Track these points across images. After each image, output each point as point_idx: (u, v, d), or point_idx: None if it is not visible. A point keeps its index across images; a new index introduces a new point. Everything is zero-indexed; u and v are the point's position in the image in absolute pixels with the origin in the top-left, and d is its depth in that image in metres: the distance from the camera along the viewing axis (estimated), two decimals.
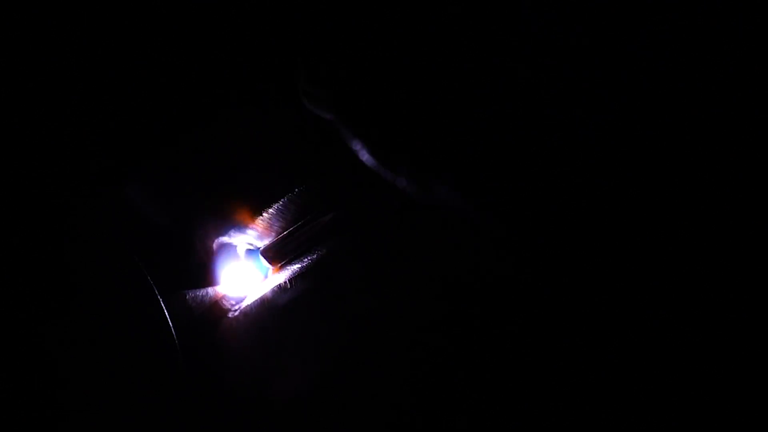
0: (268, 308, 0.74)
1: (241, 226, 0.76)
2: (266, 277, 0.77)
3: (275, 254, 0.76)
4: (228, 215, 0.75)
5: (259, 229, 0.76)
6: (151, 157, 0.75)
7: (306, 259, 0.74)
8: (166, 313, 0.61)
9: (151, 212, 0.75)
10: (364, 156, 0.59)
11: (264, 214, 0.75)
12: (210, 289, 0.73)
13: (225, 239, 0.77)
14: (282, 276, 0.74)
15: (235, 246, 0.78)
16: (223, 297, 0.76)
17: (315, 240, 0.73)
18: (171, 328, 0.62)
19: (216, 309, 0.74)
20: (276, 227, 0.76)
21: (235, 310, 0.75)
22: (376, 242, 0.71)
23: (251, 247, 0.79)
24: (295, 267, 0.74)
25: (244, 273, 0.78)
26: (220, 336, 0.73)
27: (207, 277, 0.75)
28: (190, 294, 0.69)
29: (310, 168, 0.73)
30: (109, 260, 0.66)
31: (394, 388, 0.67)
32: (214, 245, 0.76)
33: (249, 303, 0.75)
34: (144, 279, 0.63)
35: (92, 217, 0.70)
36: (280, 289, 0.73)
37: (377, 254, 0.70)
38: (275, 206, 0.74)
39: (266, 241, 0.77)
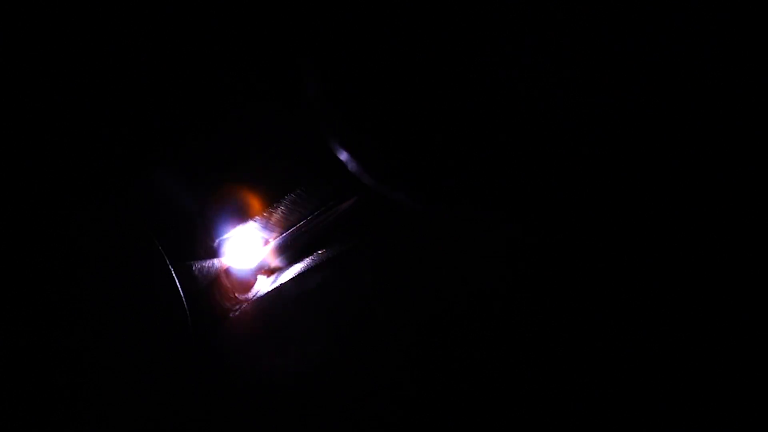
0: (277, 301, 0.74)
1: (253, 218, 0.76)
2: (278, 267, 0.78)
3: (290, 244, 0.76)
4: (242, 206, 0.75)
5: (274, 220, 0.77)
6: (169, 146, 0.75)
7: (317, 253, 0.74)
8: (185, 302, 0.62)
9: (166, 201, 0.76)
10: (359, 171, 0.59)
11: (277, 206, 0.75)
12: (223, 282, 0.73)
13: (237, 230, 0.77)
14: (291, 270, 0.75)
15: (247, 238, 0.79)
16: (232, 289, 0.76)
17: (328, 233, 0.74)
18: (187, 315, 0.63)
19: (226, 303, 0.75)
20: (290, 219, 0.76)
21: (244, 303, 0.76)
22: (389, 239, 0.71)
23: (263, 239, 0.79)
24: (306, 261, 0.74)
25: (255, 265, 0.78)
26: (230, 329, 0.74)
27: (218, 269, 0.75)
28: (197, 265, 0.70)
29: (327, 159, 0.73)
30: (131, 245, 0.67)
31: (397, 386, 0.67)
32: (227, 236, 0.77)
33: (258, 295, 0.76)
34: (165, 267, 0.64)
35: (111, 205, 0.71)
36: (290, 282, 0.74)
37: (389, 251, 0.70)
38: (287, 198, 0.75)
39: (281, 232, 0.77)
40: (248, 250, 0.80)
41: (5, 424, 0.65)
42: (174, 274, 0.68)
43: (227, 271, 0.79)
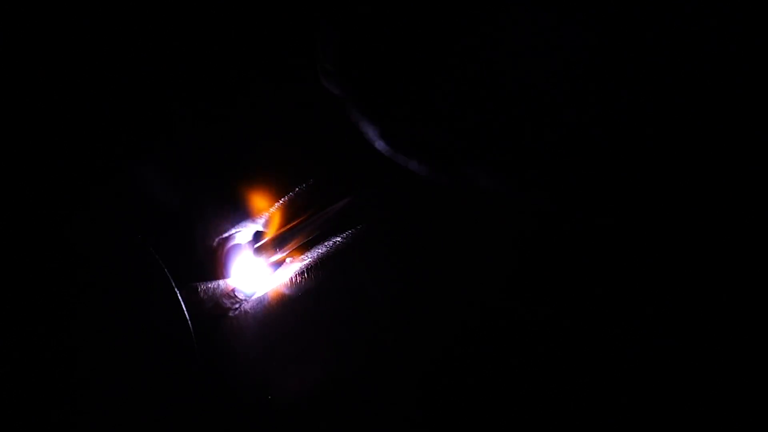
0: (277, 302, 0.74)
1: (253, 217, 0.76)
2: (276, 269, 0.77)
3: (284, 243, 0.76)
4: (240, 205, 0.75)
5: (272, 219, 0.76)
6: (165, 145, 0.75)
7: (317, 251, 0.74)
8: (184, 307, 0.62)
9: (163, 201, 0.75)
10: (375, 140, 0.58)
11: (277, 204, 0.75)
12: (222, 282, 0.73)
13: (237, 230, 0.77)
14: (292, 269, 0.74)
15: (247, 237, 0.78)
16: (233, 289, 0.76)
17: (327, 229, 0.73)
18: (188, 322, 0.63)
19: (225, 302, 0.75)
20: (288, 217, 0.76)
21: (245, 303, 0.75)
22: (389, 234, 0.71)
23: (262, 238, 0.79)
24: (306, 259, 0.74)
25: (254, 265, 0.78)
26: (229, 329, 0.74)
27: (217, 269, 0.75)
28: (202, 286, 0.70)
29: (325, 155, 0.72)
30: (125, 250, 0.67)
31: (402, 388, 0.67)
32: (226, 236, 0.76)
33: (259, 296, 0.76)
34: (161, 270, 0.64)
35: (106, 206, 0.70)
36: (290, 282, 0.73)
37: (389, 247, 0.70)
38: (288, 195, 0.74)
39: (279, 231, 0.77)
40: (248, 249, 0.80)
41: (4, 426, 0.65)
42: (171, 279, 0.67)
43: (227, 270, 0.78)
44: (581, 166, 0.54)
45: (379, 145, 0.57)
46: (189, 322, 0.64)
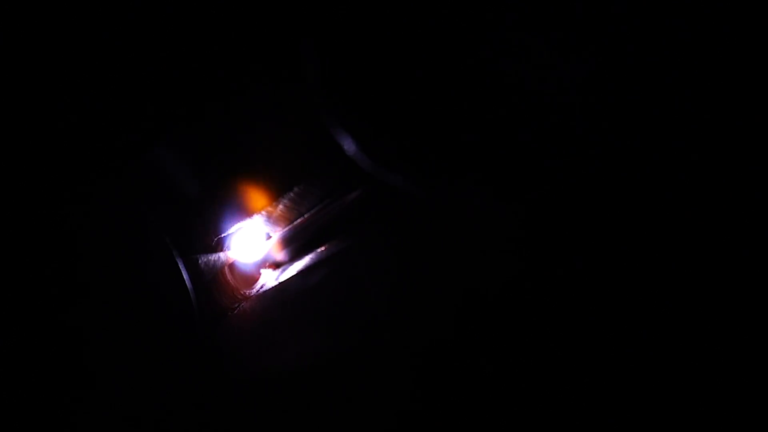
0: (277, 298, 0.74)
1: (256, 213, 0.77)
2: (280, 263, 0.77)
3: (293, 239, 0.76)
4: (246, 198, 0.76)
5: (277, 214, 0.77)
6: (175, 132, 0.76)
7: (322, 247, 0.74)
8: (184, 273, 0.62)
9: (167, 198, 0.76)
10: (356, 154, 0.59)
11: (283, 199, 0.76)
12: (222, 255, 0.73)
13: (239, 226, 0.78)
14: (294, 266, 0.75)
15: (250, 233, 0.79)
16: (233, 287, 0.76)
17: (332, 227, 0.74)
18: (189, 291, 0.63)
19: (226, 300, 0.75)
20: (294, 212, 0.77)
21: (243, 300, 0.75)
22: (392, 233, 0.71)
23: (268, 232, 0.79)
24: (311, 255, 0.74)
25: (257, 261, 0.78)
26: (226, 325, 0.73)
27: (220, 260, 0.75)
28: (203, 258, 0.70)
29: (329, 154, 0.73)
30: (131, 228, 0.68)
31: (397, 384, 0.66)
32: (228, 233, 0.77)
33: (259, 292, 0.75)
34: (164, 244, 0.64)
35: (114, 188, 0.71)
36: (292, 278, 0.74)
37: (392, 246, 0.70)
38: (293, 191, 0.75)
39: (284, 226, 0.77)
40: (251, 246, 0.80)
41: (5, 422, 0.64)
42: (184, 271, 0.68)
43: (229, 268, 0.79)
44: (567, 178, 0.54)
45: (361, 161, 0.58)
46: (190, 285, 0.63)
